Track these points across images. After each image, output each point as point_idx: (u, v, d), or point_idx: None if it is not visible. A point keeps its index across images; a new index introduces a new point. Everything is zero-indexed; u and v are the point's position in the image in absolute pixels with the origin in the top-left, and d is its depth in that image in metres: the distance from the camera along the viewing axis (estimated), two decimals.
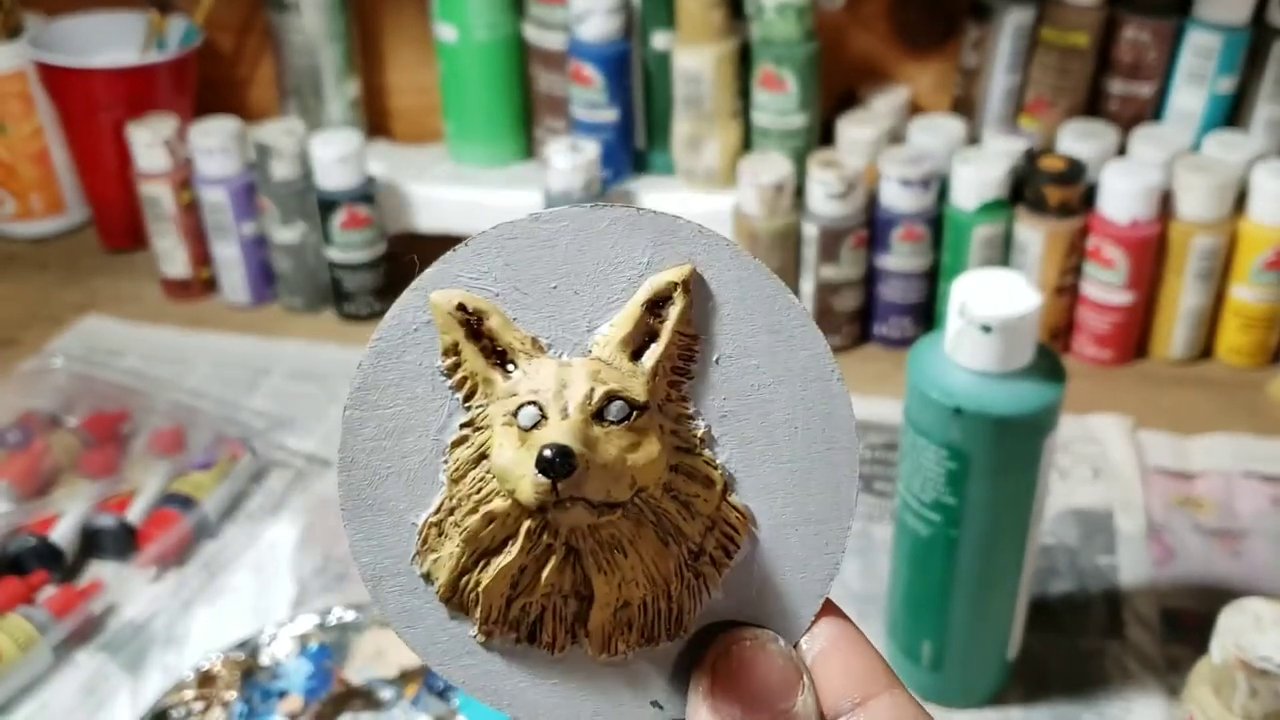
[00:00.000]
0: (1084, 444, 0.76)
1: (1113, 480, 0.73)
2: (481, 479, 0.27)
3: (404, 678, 0.60)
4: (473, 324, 0.27)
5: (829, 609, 0.29)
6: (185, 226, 0.91)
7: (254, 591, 0.67)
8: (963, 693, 0.59)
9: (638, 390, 0.26)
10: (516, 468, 0.25)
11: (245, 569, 0.68)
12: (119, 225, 0.99)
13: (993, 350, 0.51)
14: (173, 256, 0.92)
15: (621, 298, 0.27)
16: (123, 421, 0.77)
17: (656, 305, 0.27)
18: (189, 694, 0.59)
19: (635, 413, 0.26)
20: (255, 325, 0.91)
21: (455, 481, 0.27)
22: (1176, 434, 0.77)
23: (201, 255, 0.93)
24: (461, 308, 0.27)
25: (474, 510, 0.27)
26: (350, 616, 0.62)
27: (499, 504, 0.26)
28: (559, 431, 0.25)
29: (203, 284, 0.94)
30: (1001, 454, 0.51)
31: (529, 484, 0.25)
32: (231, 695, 0.59)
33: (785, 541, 0.28)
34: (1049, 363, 0.52)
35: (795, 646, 0.28)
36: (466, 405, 0.27)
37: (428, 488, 0.28)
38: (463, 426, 0.27)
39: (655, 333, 0.27)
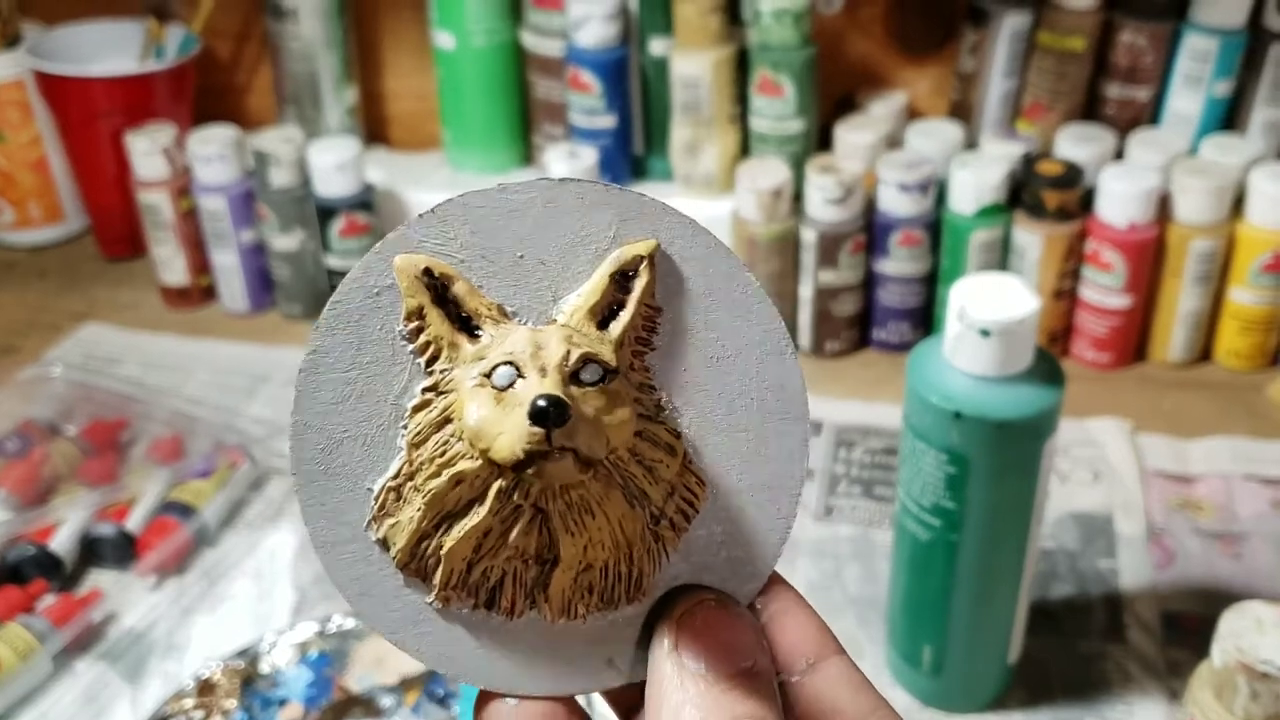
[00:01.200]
0: (1083, 447, 0.76)
1: (1112, 483, 0.73)
2: (445, 442, 0.27)
3: (404, 685, 0.60)
4: (438, 289, 0.27)
5: (776, 579, 0.30)
6: (184, 234, 0.91)
7: (254, 599, 0.67)
8: (963, 697, 0.59)
9: (608, 355, 0.26)
10: (493, 425, 0.25)
11: (245, 577, 0.68)
12: (118, 233, 0.99)
13: (992, 354, 0.51)
14: (171, 264, 0.92)
15: (587, 270, 0.28)
16: (122, 429, 0.77)
17: (623, 277, 0.27)
18: (189, 702, 0.59)
19: (607, 375, 0.26)
20: (254, 333, 0.91)
21: (416, 446, 0.27)
22: (1176, 437, 0.77)
23: (200, 263, 0.93)
24: (428, 272, 0.27)
25: (437, 474, 0.27)
26: (350, 624, 0.62)
27: (467, 465, 0.26)
28: (547, 384, 0.25)
29: (201, 291, 0.94)
30: (1001, 458, 0.51)
31: (517, 436, 0.25)
32: (231, 703, 0.59)
33: (740, 507, 0.29)
34: (1048, 366, 0.52)
35: (751, 609, 0.29)
36: (429, 370, 0.27)
37: (385, 453, 0.27)
38: (425, 391, 0.27)
39: (621, 304, 0.27)
